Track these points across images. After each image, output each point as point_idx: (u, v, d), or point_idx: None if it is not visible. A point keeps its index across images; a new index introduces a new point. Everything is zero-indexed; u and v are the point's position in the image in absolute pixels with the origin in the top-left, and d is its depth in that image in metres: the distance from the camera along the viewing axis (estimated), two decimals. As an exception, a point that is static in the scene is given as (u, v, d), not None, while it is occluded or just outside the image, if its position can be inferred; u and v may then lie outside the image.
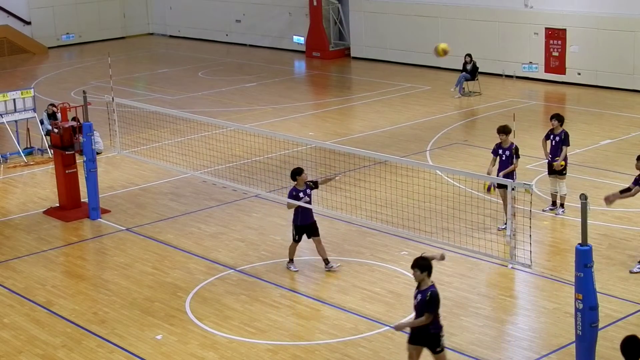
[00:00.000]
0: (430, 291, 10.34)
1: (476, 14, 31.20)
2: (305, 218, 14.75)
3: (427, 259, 10.56)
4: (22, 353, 12.70)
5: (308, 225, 14.79)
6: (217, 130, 22.75)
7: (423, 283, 10.45)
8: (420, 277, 10.41)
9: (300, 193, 14.67)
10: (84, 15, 42.02)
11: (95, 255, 16.59)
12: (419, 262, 10.45)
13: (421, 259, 10.53)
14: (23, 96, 23.19)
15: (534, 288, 14.31)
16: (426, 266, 10.41)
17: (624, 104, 26.30)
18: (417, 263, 10.45)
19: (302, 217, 14.75)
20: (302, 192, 14.69)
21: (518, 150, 16.14)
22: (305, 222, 14.76)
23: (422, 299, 10.39)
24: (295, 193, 14.69)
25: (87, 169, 17.92)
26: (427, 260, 10.50)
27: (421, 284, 10.47)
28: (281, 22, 38.34)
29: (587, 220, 10.71)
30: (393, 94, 28.88)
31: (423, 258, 10.56)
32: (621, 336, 12.31)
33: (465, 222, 16.32)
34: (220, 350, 12.51)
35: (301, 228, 14.82)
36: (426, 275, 10.40)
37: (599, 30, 28.19)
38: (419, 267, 10.41)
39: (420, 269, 10.39)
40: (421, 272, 10.39)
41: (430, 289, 10.38)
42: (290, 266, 15.07)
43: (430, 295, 10.33)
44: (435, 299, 10.36)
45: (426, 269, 10.40)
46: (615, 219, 16.62)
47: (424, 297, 10.37)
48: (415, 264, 10.46)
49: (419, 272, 10.40)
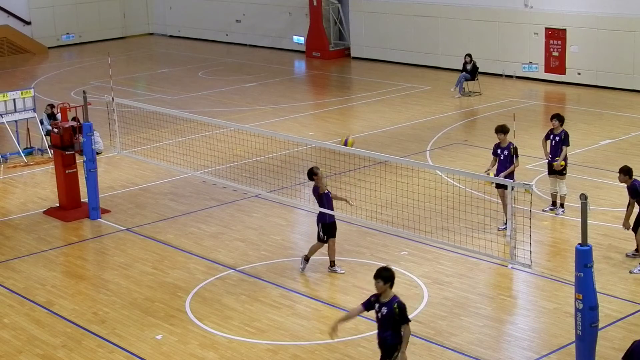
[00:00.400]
0: (396, 302, 9.99)
1: (476, 14, 31.20)
2: (331, 216, 14.64)
3: (390, 269, 10.11)
4: (22, 353, 12.70)
5: (332, 224, 14.65)
6: (217, 130, 22.75)
7: (385, 295, 10.05)
8: (383, 288, 10.02)
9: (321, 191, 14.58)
10: (84, 15, 42.03)
11: (95, 255, 16.60)
12: (382, 273, 10.03)
13: (384, 269, 10.09)
14: (23, 96, 23.18)
15: (534, 288, 14.31)
16: (389, 277, 10.01)
17: (624, 104, 26.30)
18: (380, 274, 10.03)
19: (330, 215, 14.63)
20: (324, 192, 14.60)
21: (517, 150, 16.15)
22: (331, 219, 14.63)
23: (388, 311, 10.00)
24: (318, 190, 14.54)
25: (87, 169, 17.92)
26: (391, 271, 10.07)
27: (382, 296, 10.06)
28: (281, 22, 38.34)
29: (587, 220, 10.70)
30: (393, 94, 28.88)
31: (386, 269, 10.11)
32: (621, 336, 12.37)
33: (465, 222, 16.32)
34: (220, 350, 12.51)
35: (328, 226, 14.64)
36: (389, 286, 10.01)
37: (599, 30, 28.20)
38: (383, 278, 10.00)
39: (384, 280, 10.00)
40: (384, 284, 10.00)
41: (395, 300, 10.01)
42: (302, 264, 14.92)
43: (398, 306, 9.97)
44: (405, 309, 10.02)
45: (389, 280, 10.01)
46: (615, 219, 16.61)
47: (390, 310, 9.99)
48: (378, 274, 10.03)
49: (381, 283, 10.00)
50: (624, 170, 14.66)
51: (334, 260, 14.90)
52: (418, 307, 13.51)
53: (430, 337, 12.60)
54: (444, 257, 15.36)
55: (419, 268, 14.96)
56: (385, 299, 10.05)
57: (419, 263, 15.18)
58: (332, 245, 14.77)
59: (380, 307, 10.08)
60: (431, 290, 14.08)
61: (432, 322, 13.04)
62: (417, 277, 14.61)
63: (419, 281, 14.45)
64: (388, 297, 10.04)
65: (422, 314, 13.30)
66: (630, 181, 14.61)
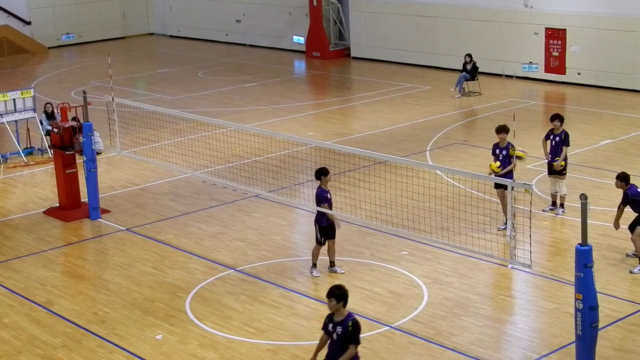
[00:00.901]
0: (350, 320, 9.66)
1: (476, 14, 31.20)
2: (328, 219, 14.64)
3: (343, 288, 9.76)
4: (22, 353, 12.70)
5: (330, 226, 14.65)
6: (217, 130, 22.75)
7: (338, 313, 9.72)
8: (336, 307, 9.68)
9: (328, 194, 14.53)
10: (84, 15, 42.03)
11: (95, 255, 16.59)
12: (335, 291, 9.68)
13: (337, 288, 9.73)
14: (23, 96, 23.19)
15: (534, 288, 14.31)
16: (343, 296, 9.69)
17: (624, 104, 26.30)
18: (333, 292, 9.68)
19: (327, 217, 14.60)
20: (329, 193, 14.57)
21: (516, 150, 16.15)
22: (328, 222, 14.60)
23: (343, 330, 9.65)
24: (325, 194, 14.51)
25: (87, 169, 17.92)
26: (343, 290, 9.73)
27: (336, 315, 9.74)
28: (281, 22, 38.34)
29: (587, 220, 10.70)
30: (393, 94, 28.88)
31: (339, 287, 9.75)
32: (621, 336, 12.38)
33: (465, 222, 16.32)
34: (220, 350, 12.51)
35: (326, 229, 14.63)
36: (342, 305, 9.69)
37: (599, 30, 28.19)
38: (336, 297, 9.66)
39: (337, 299, 9.66)
40: (337, 302, 9.66)
41: (350, 318, 9.68)
42: (313, 271, 14.84)
43: (352, 325, 9.64)
44: (358, 328, 9.68)
45: (342, 298, 9.68)
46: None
47: (345, 329, 9.64)
48: (331, 293, 9.69)
49: (334, 302, 9.66)
50: (621, 177, 14.70)
51: (334, 260, 14.90)
52: (418, 307, 13.51)
53: (430, 337, 12.60)
54: (444, 257, 15.36)
55: (419, 268, 14.96)
56: (339, 318, 9.73)
57: (419, 263, 15.18)
58: (332, 246, 14.77)
59: (335, 326, 9.73)
60: (431, 290, 14.08)
61: (432, 322, 13.04)
62: (417, 277, 14.61)
63: (419, 281, 14.46)
64: (342, 316, 9.72)
65: (422, 314, 13.30)
66: (627, 187, 14.63)
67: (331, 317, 9.75)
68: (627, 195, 14.51)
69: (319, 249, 14.79)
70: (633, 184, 14.72)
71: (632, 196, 14.46)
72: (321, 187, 14.52)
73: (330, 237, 14.66)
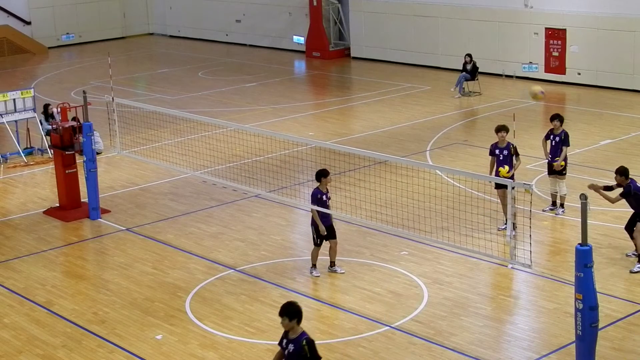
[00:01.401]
0: (304, 339, 9.31)
1: (476, 14, 31.20)
2: (325, 220, 14.55)
3: (295, 305, 9.38)
4: (22, 353, 12.70)
5: (328, 227, 14.60)
6: (217, 130, 22.75)
7: (293, 331, 9.38)
8: (290, 325, 9.33)
9: (324, 196, 14.48)
10: (84, 15, 42.03)
11: (95, 255, 16.59)
12: (288, 309, 9.33)
13: (289, 305, 9.37)
14: (23, 96, 23.19)
15: (534, 288, 14.31)
16: (295, 313, 9.31)
17: (624, 104, 26.30)
18: (285, 310, 9.33)
19: (323, 219, 14.53)
20: (325, 195, 14.55)
21: (517, 149, 16.14)
22: (325, 224, 14.54)
23: (295, 349, 9.34)
24: (320, 195, 14.46)
25: (87, 169, 17.92)
26: (295, 307, 9.35)
27: (290, 332, 9.40)
28: (281, 22, 38.34)
29: (587, 220, 10.70)
30: (393, 94, 28.88)
31: (291, 304, 9.39)
32: (621, 336, 12.38)
33: (465, 222, 16.32)
34: (220, 350, 12.51)
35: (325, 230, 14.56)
36: (296, 322, 9.34)
37: (599, 30, 28.20)
38: (288, 315, 9.30)
39: (289, 317, 9.30)
40: (290, 320, 9.30)
41: (304, 336, 9.34)
42: (313, 272, 14.82)
43: (306, 343, 9.30)
44: (314, 346, 9.37)
45: (296, 316, 9.31)
46: (615, 219, 16.61)
47: (298, 348, 9.32)
48: (283, 311, 9.34)
49: (287, 321, 9.31)
50: (620, 171, 14.66)
51: (335, 260, 14.89)
52: (418, 307, 13.52)
53: (430, 337, 12.60)
54: (444, 257, 15.36)
55: (419, 268, 14.97)
56: (293, 336, 9.40)
57: (419, 263, 15.18)
58: (333, 246, 14.75)
59: (288, 343, 9.45)
60: (431, 290, 14.08)
61: (432, 322, 13.04)
62: (417, 277, 14.61)
63: (419, 281, 14.46)
64: (296, 334, 9.39)
65: (422, 314, 13.30)
66: (627, 182, 14.60)
67: (286, 333, 9.47)
68: (630, 188, 14.45)
69: (317, 250, 14.77)
70: (632, 178, 14.71)
71: (635, 190, 14.43)
72: (317, 188, 14.52)
73: (330, 238, 14.64)
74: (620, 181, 14.69)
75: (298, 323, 9.38)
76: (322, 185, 14.50)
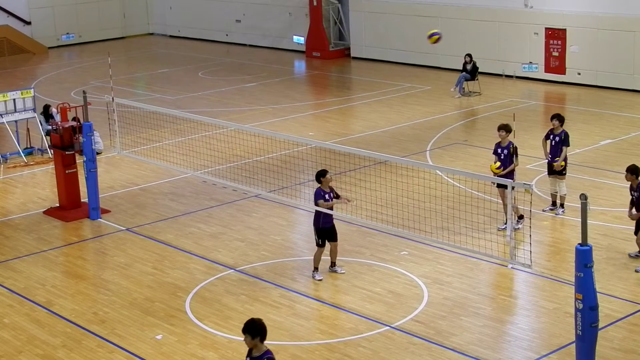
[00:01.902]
0: (266, 357, 9.00)
1: (476, 14, 31.20)
2: (327, 221, 14.53)
3: (258, 322, 9.04)
4: (22, 353, 12.70)
5: (329, 229, 14.60)
6: (217, 130, 22.75)
7: (256, 349, 9.05)
8: (252, 343, 9.01)
9: (326, 195, 14.49)
10: (84, 15, 42.03)
11: (95, 255, 16.59)
12: (250, 326, 9.00)
13: (252, 322, 9.03)
14: (23, 96, 23.18)
15: (534, 288, 14.31)
16: (258, 331, 8.99)
17: (624, 104, 26.30)
18: (247, 327, 9.00)
19: (324, 220, 14.52)
20: (328, 195, 14.54)
21: (517, 150, 16.14)
22: (326, 225, 14.53)
23: None
24: (323, 194, 14.45)
25: (87, 169, 17.92)
26: (258, 324, 9.02)
27: (254, 351, 9.08)
28: (281, 22, 38.35)
29: (587, 220, 10.70)
30: (393, 94, 28.88)
31: (254, 321, 9.05)
32: (621, 336, 12.38)
33: (465, 222, 16.32)
34: (220, 350, 12.51)
35: (323, 231, 14.55)
36: (259, 340, 9.00)
37: (599, 30, 28.19)
38: (250, 333, 8.98)
39: (252, 334, 8.98)
40: (252, 338, 8.98)
41: (267, 355, 9.02)
42: (315, 275, 14.76)
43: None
44: None
45: (259, 333, 8.99)
46: (615, 219, 16.62)
47: None
48: (245, 328, 9.01)
49: (249, 338, 8.99)
50: (631, 170, 14.53)
51: (335, 261, 14.89)
52: (418, 307, 13.51)
53: (430, 337, 12.60)
54: (444, 257, 15.36)
55: (419, 268, 14.96)
56: (256, 354, 9.08)
57: (419, 263, 15.18)
58: (334, 248, 14.73)
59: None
60: (431, 290, 14.08)
61: (432, 322, 13.04)
62: (417, 277, 14.61)
63: (419, 281, 14.46)
64: (260, 352, 9.07)
65: (422, 314, 13.30)
66: (637, 182, 14.51)
67: (250, 351, 9.15)
68: None
69: (320, 252, 14.69)
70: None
71: None
72: (319, 188, 14.52)
73: (331, 240, 14.63)
74: (630, 179, 14.58)
75: (261, 341, 9.04)
76: (323, 185, 14.51)
